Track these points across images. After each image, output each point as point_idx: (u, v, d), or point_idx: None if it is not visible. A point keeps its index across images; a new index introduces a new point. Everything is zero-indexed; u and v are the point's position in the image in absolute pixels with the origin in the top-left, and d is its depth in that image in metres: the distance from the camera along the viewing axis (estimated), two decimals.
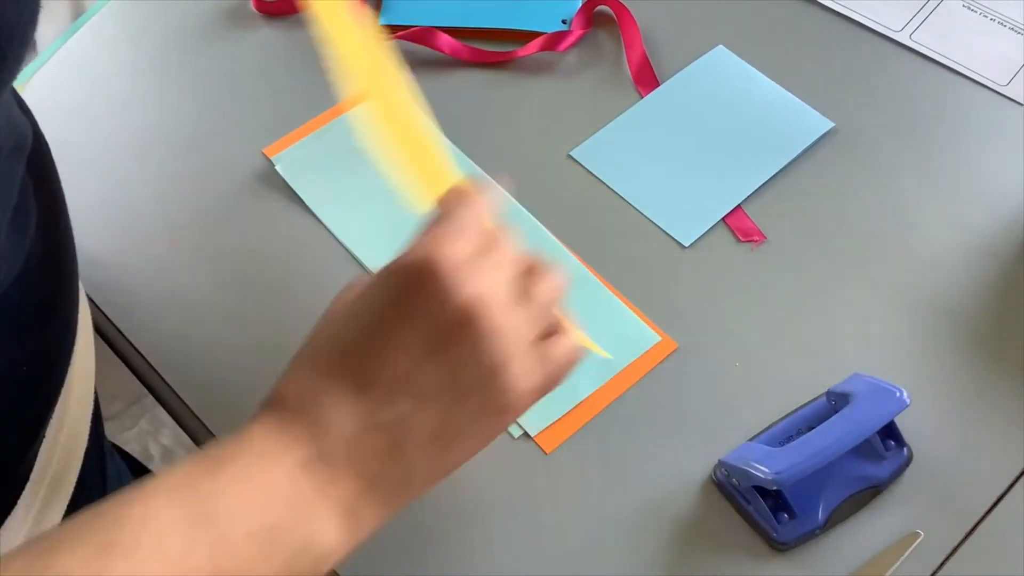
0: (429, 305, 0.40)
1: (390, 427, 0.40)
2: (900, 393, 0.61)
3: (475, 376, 0.41)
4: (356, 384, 0.40)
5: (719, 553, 0.62)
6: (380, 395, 0.40)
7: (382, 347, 0.41)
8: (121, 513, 0.36)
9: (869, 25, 0.88)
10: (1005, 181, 0.78)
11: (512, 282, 0.43)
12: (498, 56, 0.86)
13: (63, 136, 0.82)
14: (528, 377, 0.43)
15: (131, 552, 0.34)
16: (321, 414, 0.40)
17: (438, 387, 0.40)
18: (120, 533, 0.34)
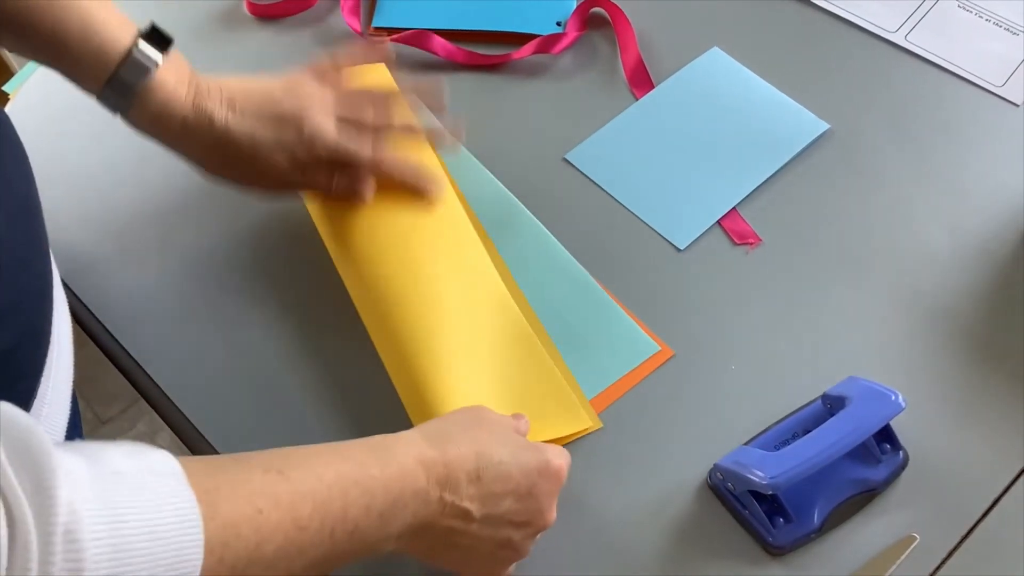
0: (542, 493, 0.57)
1: (470, 522, 0.55)
2: (896, 396, 0.61)
3: (519, 538, 0.58)
4: (480, 495, 0.55)
5: (715, 557, 0.62)
6: (486, 509, 0.55)
7: (508, 488, 0.56)
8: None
9: (864, 26, 0.88)
10: (1000, 182, 0.78)
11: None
12: (493, 59, 0.85)
13: (55, 141, 0.82)
14: (531, 544, 0.60)
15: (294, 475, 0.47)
16: (453, 476, 0.54)
17: (504, 523, 0.56)
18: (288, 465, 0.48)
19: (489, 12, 0.88)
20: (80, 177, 0.80)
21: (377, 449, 0.52)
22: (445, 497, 0.53)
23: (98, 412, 1.64)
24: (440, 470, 0.53)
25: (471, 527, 0.54)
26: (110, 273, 0.75)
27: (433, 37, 0.86)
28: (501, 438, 0.56)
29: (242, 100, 0.67)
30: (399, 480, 0.51)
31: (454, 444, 0.54)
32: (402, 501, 0.51)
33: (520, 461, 0.56)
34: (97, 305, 0.74)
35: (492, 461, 0.55)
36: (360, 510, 0.49)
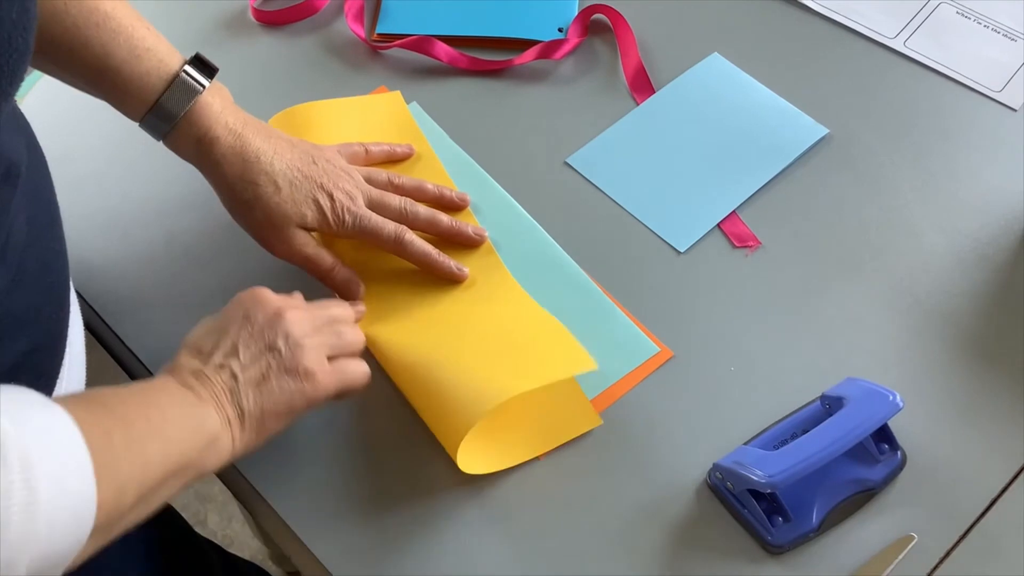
0: (250, 308, 0.61)
1: (229, 368, 0.58)
2: (894, 397, 0.61)
3: (280, 345, 0.59)
4: (205, 356, 0.59)
5: (714, 556, 0.63)
6: (218, 359, 0.58)
7: (220, 335, 0.59)
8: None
9: (863, 32, 0.88)
10: (998, 186, 0.79)
11: (312, 314, 0.63)
12: (495, 64, 0.86)
13: (62, 146, 0.83)
14: (316, 355, 0.60)
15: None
16: (186, 373, 0.58)
17: (257, 352, 0.59)
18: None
19: (491, 18, 0.89)
20: (88, 182, 0.81)
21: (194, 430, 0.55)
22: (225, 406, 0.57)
23: None
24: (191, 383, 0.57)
25: (230, 372, 0.58)
26: (119, 277, 0.76)
27: (436, 43, 0.86)
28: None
29: (287, 150, 0.70)
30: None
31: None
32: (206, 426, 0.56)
33: (218, 314, 0.61)
34: (106, 309, 0.74)
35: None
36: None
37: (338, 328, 0.64)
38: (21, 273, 0.51)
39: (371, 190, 0.72)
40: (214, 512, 1.52)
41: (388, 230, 0.71)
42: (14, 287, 0.50)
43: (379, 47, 0.88)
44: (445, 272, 0.73)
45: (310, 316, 0.62)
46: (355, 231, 0.71)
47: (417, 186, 0.75)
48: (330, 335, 0.63)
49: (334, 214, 0.69)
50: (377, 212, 0.71)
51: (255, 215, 0.69)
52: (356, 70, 0.86)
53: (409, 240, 0.72)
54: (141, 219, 0.79)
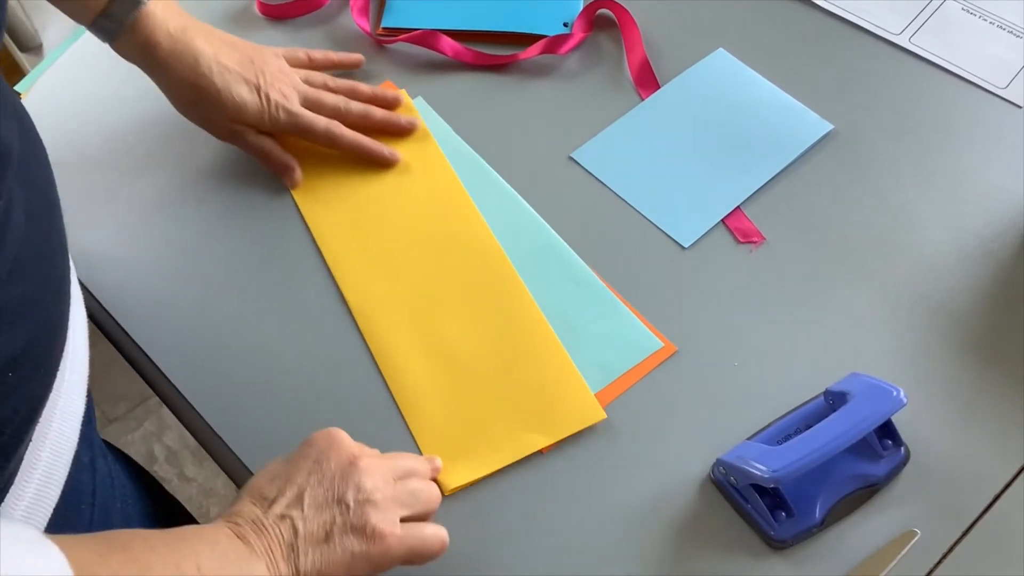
0: (323, 452, 0.58)
1: (290, 520, 0.55)
2: (897, 392, 0.61)
3: (350, 499, 0.56)
4: (267, 503, 0.56)
5: (717, 551, 0.63)
6: (280, 508, 0.55)
7: (286, 481, 0.57)
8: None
9: (868, 28, 0.88)
10: (1003, 183, 0.79)
11: (388, 464, 0.60)
12: (500, 59, 0.86)
13: (69, 139, 0.83)
14: (388, 515, 0.56)
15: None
16: (244, 521, 0.55)
17: (323, 504, 0.55)
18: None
19: (497, 13, 0.89)
20: (93, 175, 0.81)
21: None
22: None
23: (105, 411, 1.65)
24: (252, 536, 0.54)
25: (292, 523, 0.55)
26: (124, 271, 0.76)
27: (441, 37, 0.86)
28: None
29: (228, 51, 0.76)
30: None
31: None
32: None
33: (290, 453, 0.59)
34: (111, 303, 0.75)
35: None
36: None
37: (414, 485, 0.60)
38: (19, 264, 0.51)
39: (307, 89, 0.78)
40: (217, 506, 1.53)
41: (320, 125, 0.77)
42: (11, 278, 0.50)
43: (384, 41, 0.88)
44: (378, 155, 0.79)
45: (386, 467, 0.59)
46: (289, 127, 0.77)
47: (351, 87, 0.81)
48: (405, 493, 0.59)
49: (269, 111, 0.76)
50: (313, 110, 0.78)
51: (198, 112, 0.76)
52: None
53: (340, 132, 0.78)
54: (147, 213, 0.79)
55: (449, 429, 0.67)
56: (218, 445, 0.69)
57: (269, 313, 0.73)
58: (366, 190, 0.79)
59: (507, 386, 0.69)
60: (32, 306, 0.53)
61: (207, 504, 1.52)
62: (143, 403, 1.65)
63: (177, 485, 1.55)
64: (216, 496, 1.53)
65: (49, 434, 0.55)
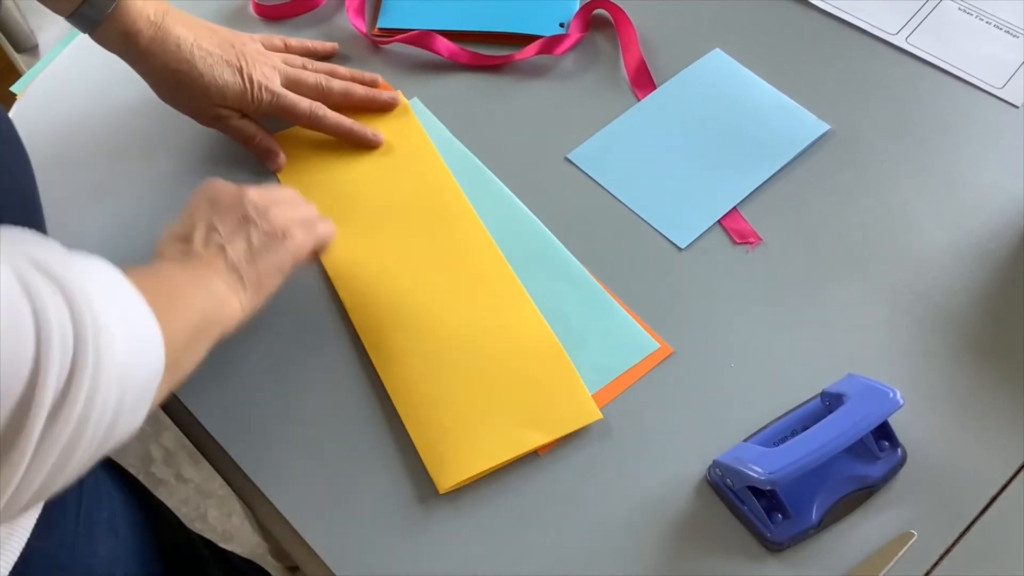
0: (212, 193, 0.64)
1: (215, 245, 0.61)
2: (894, 394, 0.61)
3: (253, 214, 0.63)
4: (187, 240, 0.62)
5: (713, 553, 0.63)
6: (201, 238, 0.61)
7: (193, 221, 0.63)
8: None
9: (865, 28, 0.88)
10: (1000, 183, 0.78)
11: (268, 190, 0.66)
12: (496, 59, 0.86)
13: (65, 138, 0.83)
14: (289, 215, 0.64)
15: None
16: (178, 257, 0.61)
17: (234, 225, 0.62)
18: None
19: (493, 13, 0.89)
20: (86, 177, 0.81)
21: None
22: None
23: None
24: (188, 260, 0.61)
25: (217, 246, 0.61)
26: None
27: (437, 38, 0.86)
28: None
29: (207, 36, 0.76)
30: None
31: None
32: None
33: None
34: None
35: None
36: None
37: (294, 199, 0.68)
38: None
39: (288, 70, 0.79)
40: (214, 507, 1.52)
41: (303, 106, 0.78)
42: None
43: (380, 42, 0.88)
44: (362, 138, 0.80)
45: (268, 191, 0.66)
46: (273, 108, 0.78)
47: (330, 68, 0.83)
48: (290, 206, 0.66)
49: (252, 93, 0.76)
50: (294, 91, 0.79)
51: (182, 97, 0.77)
52: (357, 65, 0.86)
53: (323, 114, 0.79)
54: (140, 216, 0.79)
55: (444, 426, 0.67)
56: (212, 446, 0.68)
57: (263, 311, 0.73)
58: (357, 184, 0.79)
59: (503, 384, 0.68)
60: None
61: (205, 505, 1.52)
62: None
63: (174, 486, 1.55)
64: (214, 497, 1.52)
65: None
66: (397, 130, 0.81)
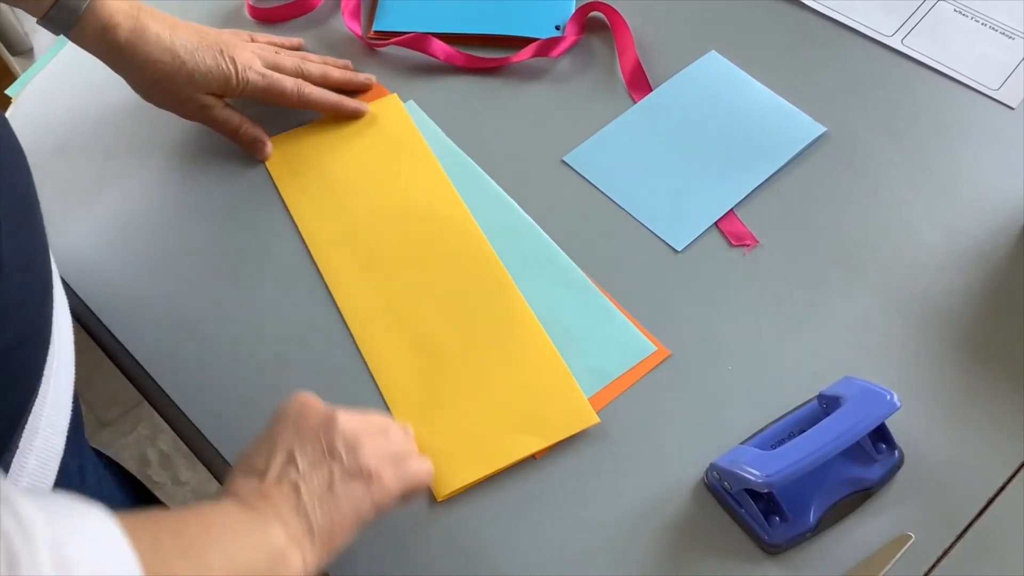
0: (299, 415, 0.58)
1: (289, 482, 0.55)
2: (891, 396, 0.61)
3: (340, 448, 0.56)
4: (260, 473, 0.56)
5: (711, 556, 0.62)
6: (276, 472, 0.55)
7: (272, 448, 0.56)
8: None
9: (861, 30, 0.88)
10: (997, 185, 0.78)
11: (362, 417, 0.60)
12: (492, 62, 0.86)
13: (60, 140, 0.83)
14: (379, 454, 0.58)
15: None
16: (246, 495, 0.55)
17: (316, 459, 0.56)
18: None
19: (488, 16, 0.88)
20: (82, 179, 0.81)
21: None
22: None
23: (99, 415, 1.64)
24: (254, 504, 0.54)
25: (292, 483, 0.55)
26: (113, 275, 0.76)
27: (433, 41, 0.86)
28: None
29: (183, 27, 0.75)
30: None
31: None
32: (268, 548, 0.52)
33: (265, 428, 0.59)
34: (99, 307, 0.74)
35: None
36: None
37: (389, 430, 0.61)
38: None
39: (265, 53, 0.80)
40: None
41: (289, 84, 0.78)
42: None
43: (375, 44, 0.88)
44: (348, 110, 0.81)
45: (361, 418, 0.60)
46: (259, 90, 0.77)
47: (302, 55, 0.84)
48: (383, 438, 0.60)
49: (237, 76, 0.76)
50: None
51: (164, 91, 0.75)
52: (353, 68, 0.86)
53: (309, 90, 0.79)
54: (135, 218, 0.79)
55: (441, 433, 0.67)
56: (208, 450, 0.68)
57: (259, 315, 0.73)
58: (351, 188, 0.78)
59: (499, 390, 0.68)
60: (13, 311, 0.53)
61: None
62: (136, 407, 1.65)
63: (171, 489, 1.55)
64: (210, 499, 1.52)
65: (36, 441, 0.55)
66: (392, 132, 0.81)
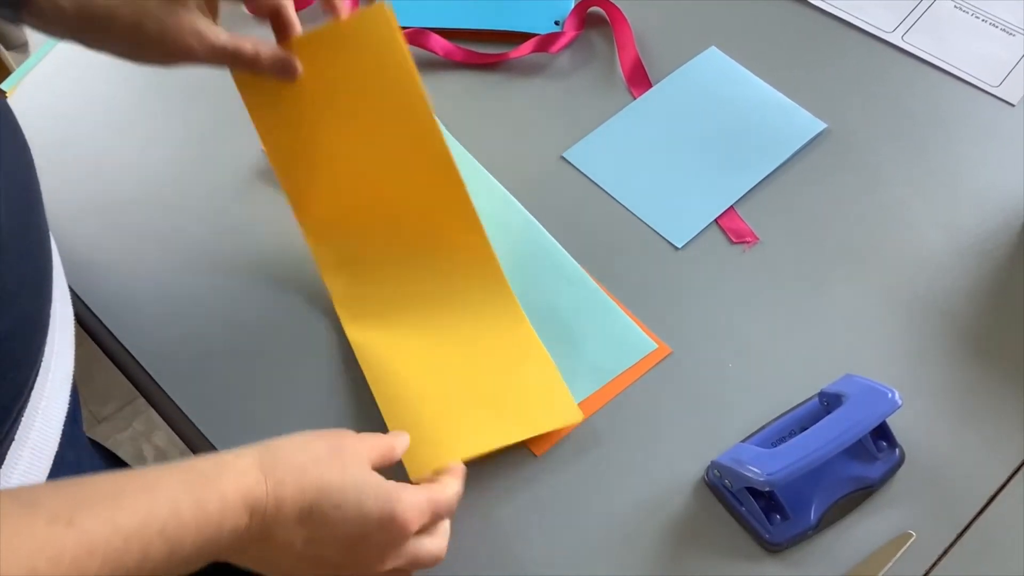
0: (375, 544, 0.53)
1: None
2: (892, 394, 0.61)
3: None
4: (307, 536, 0.51)
5: (712, 554, 0.62)
6: (309, 549, 0.51)
7: (338, 534, 0.52)
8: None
9: (861, 26, 0.88)
10: (997, 181, 0.78)
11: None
12: (491, 57, 0.86)
13: (56, 136, 0.82)
14: None
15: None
16: (281, 515, 0.51)
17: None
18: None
19: (488, 11, 0.88)
20: (81, 176, 0.80)
21: (198, 483, 0.48)
22: (267, 532, 0.50)
23: (94, 410, 1.64)
24: (269, 510, 0.50)
25: (288, 557, 0.51)
26: (110, 270, 0.75)
27: (432, 36, 0.86)
28: (353, 477, 0.53)
29: None
30: (216, 522, 0.47)
31: (294, 479, 0.51)
32: (216, 541, 0.48)
33: (363, 508, 0.52)
34: (96, 302, 0.74)
35: (331, 503, 0.51)
36: (162, 557, 0.45)
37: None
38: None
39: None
40: None
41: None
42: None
43: None
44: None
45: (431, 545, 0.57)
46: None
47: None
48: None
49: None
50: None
51: (151, 29, 0.62)
52: None
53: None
54: (133, 213, 0.78)
55: (420, 418, 0.66)
56: (203, 445, 0.68)
57: (256, 311, 0.73)
58: (335, 137, 0.70)
59: (481, 380, 0.68)
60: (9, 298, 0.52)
61: None
62: (132, 402, 1.64)
63: None
64: None
65: (31, 433, 0.55)
66: (374, 50, 0.70)
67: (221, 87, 0.77)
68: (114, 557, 0.43)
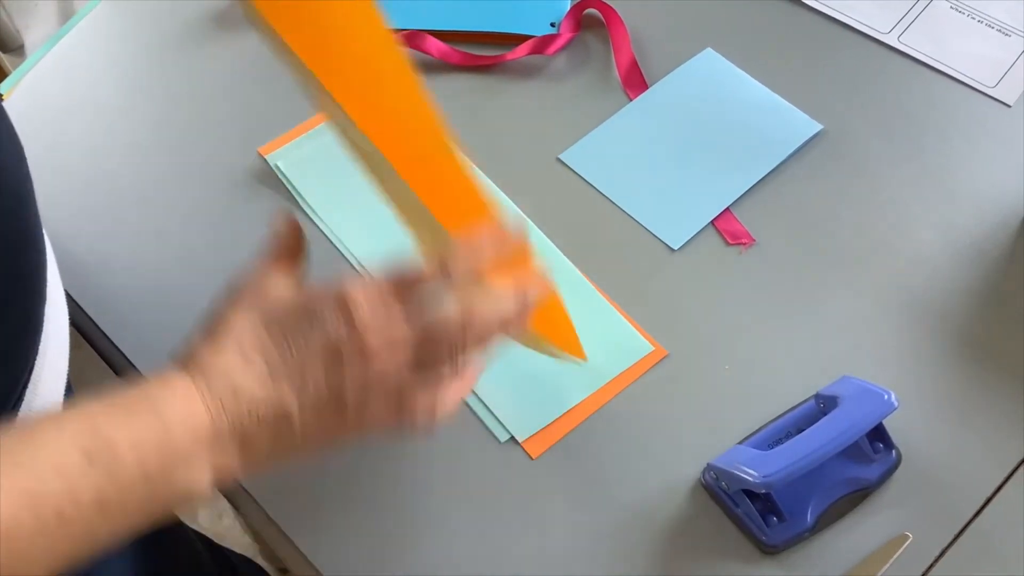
0: (336, 321, 0.47)
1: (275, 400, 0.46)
2: (888, 396, 0.61)
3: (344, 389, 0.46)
4: (267, 364, 0.47)
5: (708, 556, 0.62)
6: (276, 372, 0.46)
7: (288, 335, 0.47)
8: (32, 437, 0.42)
9: (857, 27, 0.88)
10: (994, 182, 0.78)
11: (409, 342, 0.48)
12: (487, 59, 0.86)
13: (52, 138, 0.82)
14: (376, 416, 0.48)
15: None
16: (229, 386, 0.47)
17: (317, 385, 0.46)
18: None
19: (483, 13, 0.88)
20: (76, 178, 0.80)
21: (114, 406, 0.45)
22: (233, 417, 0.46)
23: None
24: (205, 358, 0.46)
25: (276, 401, 0.46)
26: (105, 273, 0.75)
27: (428, 38, 0.86)
28: None
29: None
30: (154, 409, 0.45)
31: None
32: (170, 444, 0.44)
33: (295, 296, 0.49)
34: (91, 304, 0.74)
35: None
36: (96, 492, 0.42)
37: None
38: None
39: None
40: (203, 508, 1.52)
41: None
42: None
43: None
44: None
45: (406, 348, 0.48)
46: None
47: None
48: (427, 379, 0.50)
49: None
50: None
51: None
52: None
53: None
54: (129, 214, 0.78)
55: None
56: None
57: None
58: None
59: None
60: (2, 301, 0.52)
61: (194, 507, 1.51)
62: None
63: None
64: None
65: None
66: None
67: (217, 88, 0.77)
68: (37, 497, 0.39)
